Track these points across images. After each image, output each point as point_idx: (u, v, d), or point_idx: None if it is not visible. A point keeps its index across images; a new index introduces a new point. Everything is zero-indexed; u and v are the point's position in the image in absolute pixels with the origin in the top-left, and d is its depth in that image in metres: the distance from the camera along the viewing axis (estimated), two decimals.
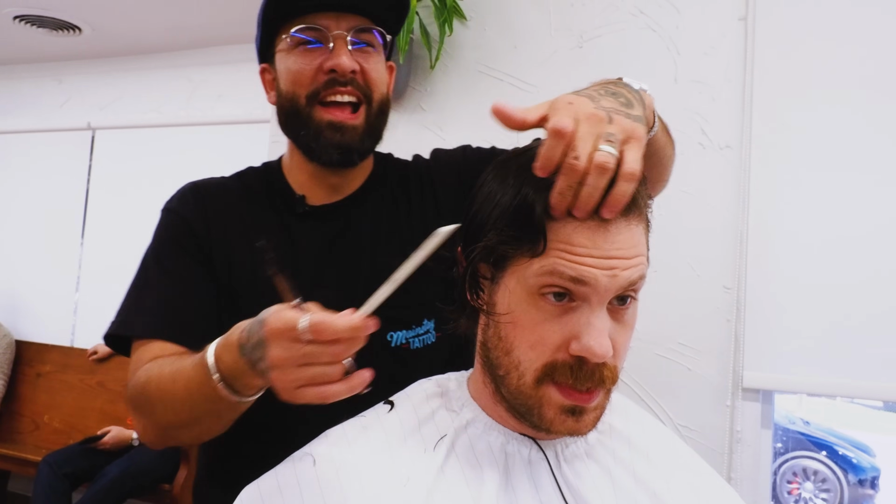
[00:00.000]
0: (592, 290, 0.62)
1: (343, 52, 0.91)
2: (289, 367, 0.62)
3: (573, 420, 0.66)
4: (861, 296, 1.62)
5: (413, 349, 0.96)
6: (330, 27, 0.92)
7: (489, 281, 0.69)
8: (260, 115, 3.28)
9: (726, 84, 1.78)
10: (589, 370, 0.64)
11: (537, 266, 0.63)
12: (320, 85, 0.92)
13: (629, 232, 0.64)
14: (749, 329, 1.69)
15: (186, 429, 0.82)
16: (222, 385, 0.71)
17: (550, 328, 0.64)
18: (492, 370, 0.70)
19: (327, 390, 0.63)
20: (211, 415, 0.78)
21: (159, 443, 0.88)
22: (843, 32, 1.70)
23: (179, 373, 0.79)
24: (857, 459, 5.12)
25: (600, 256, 0.62)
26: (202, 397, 0.75)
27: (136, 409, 0.87)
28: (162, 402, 0.81)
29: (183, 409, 0.79)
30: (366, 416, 0.75)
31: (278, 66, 0.97)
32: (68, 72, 4.05)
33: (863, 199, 1.64)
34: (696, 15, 1.82)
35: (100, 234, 3.84)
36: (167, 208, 1.02)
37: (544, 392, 0.66)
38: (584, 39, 1.93)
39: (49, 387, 3.54)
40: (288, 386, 0.63)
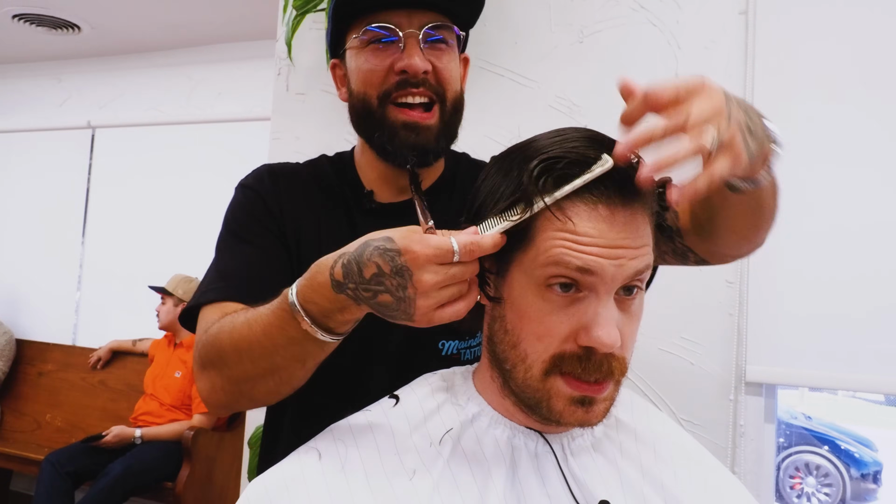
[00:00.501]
0: (599, 280, 0.62)
1: (415, 52, 0.89)
2: (434, 291, 0.64)
3: (583, 411, 0.66)
4: (863, 290, 1.62)
5: (464, 360, 0.95)
6: (402, 25, 0.89)
7: (495, 275, 0.69)
8: (260, 113, 3.27)
9: (727, 79, 1.77)
10: (597, 361, 0.64)
11: (543, 257, 0.63)
12: (392, 85, 0.90)
13: (635, 222, 0.64)
14: (752, 323, 1.69)
15: (262, 380, 0.78)
16: (314, 326, 0.70)
17: (558, 319, 0.64)
18: (499, 364, 0.70)
19: (459, 306, 0.66)
20: (294, 360, 0.75)
21: (230, 401, 0.83)
22: (845, 27, 1.69)
23: (256, 319, 0.76)
24: (860, 454, 5.12)
25: (606, 245, 0.62)
26: (285, 340, 0.73)
27: (206, 363, 0.82)
28: (237, 352, 0.78)
29: (262, 357, 0.76)
30: (371, 411, 0.75)
31: (349, 63, 0.95)
32: (68, 70, 4.05)
33: (865, 194, 1.64)
34: (697, 9, 1.82)
35: (101, 233, 3.85)
36: (242, 184, 1.00)
37: (552, 384, 0.65)
38: (584, 34, 1.92)
39: (51, 386, 3.54)
40: (428, 309, 0.65)
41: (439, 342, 0.94)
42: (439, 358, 0.94)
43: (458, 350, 0.95)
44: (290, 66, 2.17)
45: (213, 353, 0.81)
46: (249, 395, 0.81)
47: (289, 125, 2.20)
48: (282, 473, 0.69)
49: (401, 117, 0.91)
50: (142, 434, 2.87)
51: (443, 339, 0.94)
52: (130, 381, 3.32)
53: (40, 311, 3.87)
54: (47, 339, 3.69)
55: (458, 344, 0.95)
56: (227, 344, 0.79)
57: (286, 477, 0.68)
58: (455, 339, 0.94)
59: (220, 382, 0.81)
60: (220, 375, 0.81)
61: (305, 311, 0.70)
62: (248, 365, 0.77)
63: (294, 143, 2.17)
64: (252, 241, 0.93)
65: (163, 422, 2.96)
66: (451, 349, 0.94)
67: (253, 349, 0.76)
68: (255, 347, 0.76)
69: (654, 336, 1.76)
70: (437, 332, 0.91)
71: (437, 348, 0.94)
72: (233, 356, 0.78)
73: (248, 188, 0.99)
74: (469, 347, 0.95)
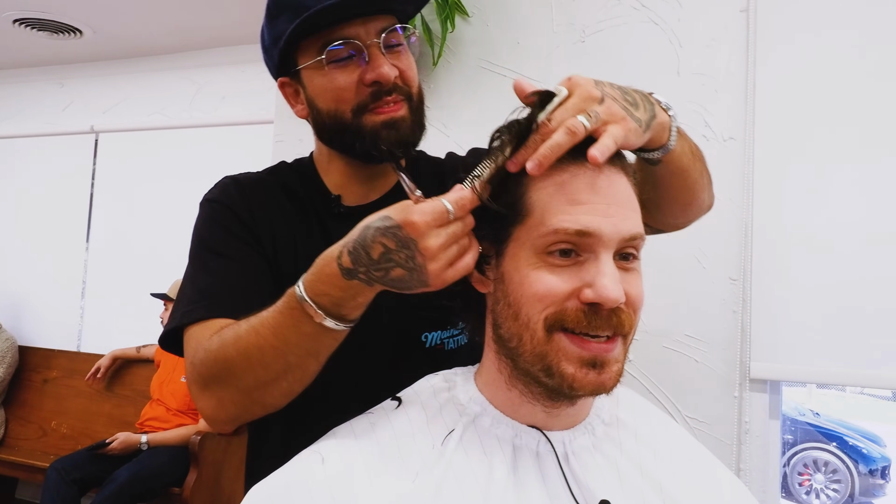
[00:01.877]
0: (597, 240, 0.65)
1: (382, 62, 0.90)
2: (441, 253, 0.67)
3: (595, 373, 0.66)
4: (867, 285, 1.61)
5: (448, 350, 0.96)
6: (360, 36, 0.90)
7: (494, 258, 0.71)
8: (264, 116, 3.28)
9: (729, 76, 1.77)
10: (604, 316, 0.65)
11: (540, 229, 0.66)
12: (366, 97, 0.91)
13: (622, 185, 0.69)
14: (755, 320, 1.69)
15: (275, 383, 0.79)
16: (327, 318, 0.73)
17: (559, 279, 0.66)
18: (506, 348, 0.70)
19: (467, 260, 0.69)
20: (307, 356, 0.77)
21: (240, 413, 0.83)
22: (845, 22, 1.69)
23: (262, 324, 0.77)
24: (868, 450, 5.11)
25: (599, 204, 0.66)
26: (298, 338, 0.75)
27: (210, 380, 0.82)
28: (247, 360, 0.78)
29: (275, 359, 0.77)
30: (373, 413, 0.75)
31: (308, 82, 0.95)
32: (70, 75, 4.05)
33: (868, 190, 1.64)
34: (698, 7, 1.82)
35: (105, 238, 3.85)
36: (208, 199, 1.00)
37: (557, 343, 0.66)
38: (586, 34, 1.92)
39: (56, 393, 3.54)
40: (441, 272, 0.68)
41: (422, 335, 0.95)
42: (424, 350, 0.95)
43: (442, 340, 0.96)
44: None
45: (217, 367, 0.80)
46: (262, 401, 0.81)
47: (292, 128, 2.21)
48: (284, 478, 0.69)
49: (378, 119, 0.92)
50: (148, 440, 2.87)
51: (425, 332, 0.95)
52: (137, 387, 3.32)
53: (45, 318, 3.87)
54: (52, 346, 3.69)
55: (441, 334, 0.96)
56: (235, 354, 0.79)
57: (289, 481, 0.68)
58: (437, 330, 0.96)
59: (228, 396, 0.81)
60: (229, 388, 0.81)
61: (317, 304, 0.72)
62: (259, 371, 0.78)
63: (297, 146, 2.18)
64: (228, 255, 0.93)
65: (169, 427, 2.96)
66: (435, 340, 0.96)
67: (265, 353, 0.77)
68: (268, 351, 0.77)
69: (659, 334, 1.76)
70: (419, 325, 0.95)
71: (421, 341, 0.95)
72: (242, 365, 0.78)
73: (215, 201, 0.98)
74: (451, 337, 0.97)
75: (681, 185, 0.88)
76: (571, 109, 0.68)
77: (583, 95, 0.69)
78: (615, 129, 0.68)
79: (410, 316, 0.94)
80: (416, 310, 0.92)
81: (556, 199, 0.66)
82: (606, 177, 0.68)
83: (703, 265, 1.74)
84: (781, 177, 1.71)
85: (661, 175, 0.84)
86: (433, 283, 0.69)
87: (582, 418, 0.75)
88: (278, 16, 0.93)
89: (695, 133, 1.75)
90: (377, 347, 0.94)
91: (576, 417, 0.74)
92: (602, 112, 0.68)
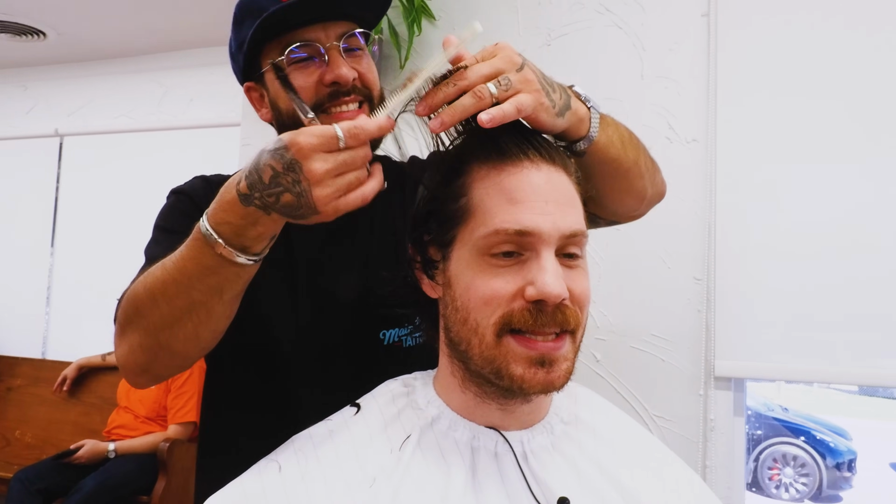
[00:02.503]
0: (537, 239, 0.66)
1: (341, 64, 0.92)
2: (329, 179, 0.67)
3: (544, 372, 0.66)
4: (829, 283, 1.65)
5: (406, 347, 0.97)
6: (320, 39, 0.92)
7: (441, 262, 0.72)
8: (232, 119, 3.25)
9: (691, 79, 1.80)
10: (550, 313, 0.65)
11: (481, 230, 0.67)
12: (324, 97, 0.93)
13: (562, 182, 0.70)
14: (719, 319, 1.72)
15: (180, 323, 0.77)
16: (228, 248, 0.71)
17: (503, 280, 0.66)
18: (457, 351, 0.71)
19: (366, 190, 0.69)
20: (211, 293, 0.75)
21: (149, 359, 0.81)
22: (804, 26, 1.73)
23: (170, 259, 0.76)
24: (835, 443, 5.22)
25: (537, 201, 0.66)
26: (200, 271, 0.73)
27: (124, 323, 0.82)
28: (152, 297, 0.77)
29: (178, 294, 0.75)
30: (332, 420, 0.75)
31: (271, 85, 0.96)
32: (34, 77, 3.98)
33: (827, 188, 1.67)
34: (661, 12, 1.84)
35: (70, 243, 3.79)
36: (173, 190, 1.02)
37: (506, 346, 0.66)
38: (552, 37, 1.94)
39: (20, 401, 3.46)
40: (329, 199, 0.67)
41: (380, 332, 0.96)
42: (382, 347, 0.96)
43: (400, 338, 0.97)
44: None
45: (129, 308, 0.81)
46: (168, 345, 0.79)
47: (258, 131, 2.19)
48: (242, 488, 0.68)
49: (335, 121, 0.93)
50: (115, 448, 2.82)
51: (383, 330, 0.96)
52: (103, 394, 3.26)
53: (8, 325, 3.79)
54: (16, 354, 3.61)
55: (399, 331, 0.97)
56: (142, 292, 0.78)
57: (246, 492, 0.68)
58: (395, 328, 0.97)
59: (137, 339, 0.80)
60: (137, 330, 0.80)
61: (218, 233, 0.71)
62: (164, 307, 0.76)
63: None
64: (180, 231, 0.90)
65: (137, 434, 2.91)
66: (393, 337, 0.97)
67: (168, 288, 0.75)
68: (170, 286, 0.75)
69: (625, 334, 1.78)
70: (376, 323, 0.95)
71: (379, 338, 0.96)
72: (148, 303, 0.77)
73: (179, 192, 1.01)
74: (410, 334, 0.98)
75: (612, 173, 0.89)
76: (487, 67, 0.70)
77: (504, 57, 0.72)
78: (523, 98, 0.70)
79: (368, 314, 0.94)
80: (373, 308, 0.93)
81: (496, 199, 0.67)
82: (545, 175, 0.69)
83: (667, 265, 1.77)
84: (743, 177, 1.74)
85: (590, 165, 0.86)
86: (322, 210, 0.68)
87: (540, 417, 0.75)
88: (243, 21, 0.96)
89: (658, 135, 1.79)
90: (334, 344, 0.95)
91: (534, 416, 0.75)
92: (516, 80, 0.71)
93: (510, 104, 0.69)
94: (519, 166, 0.69)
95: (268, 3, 0.92)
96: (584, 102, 0.81)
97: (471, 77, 0.70)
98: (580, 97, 0.81)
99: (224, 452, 0.98)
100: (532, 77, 0.73)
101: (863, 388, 6.20)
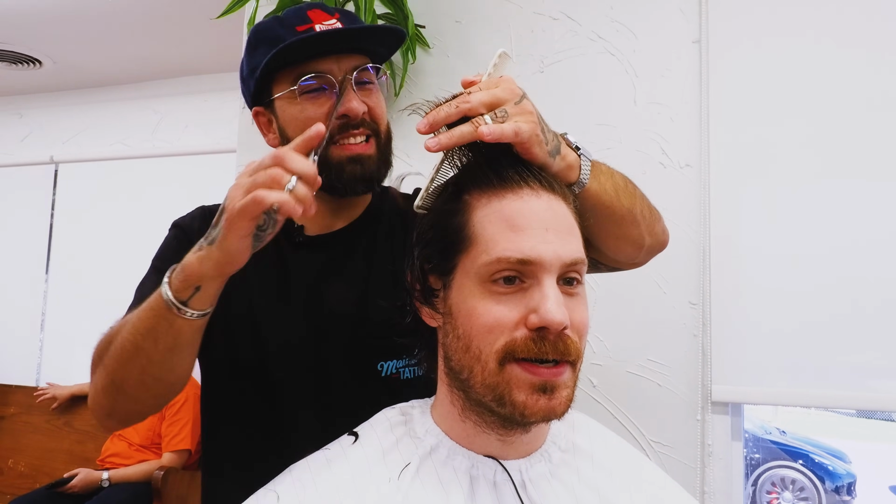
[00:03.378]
0: (539, 267, 0.66)
1: (353, 97, 0.94)
2: (242, 179, 0.71)
3: (546, 399, 0.66)
4: (824, 306, 1.65)
5: (404, 379, 0.97)
6: (333, 72, 0.94)
7: (442, 290, 0.72)
8: (227, 145, 3.26)
9: (683, 105, 1.82)
10: (551, 342, 0.66)
11: (483, 258, 0.67)
12: (334, 129, 0.94)
13: (561, 210, 0.71)
14: (716, 343, 1.72)
15: (129, 364, 0.80)
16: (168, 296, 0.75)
17: (506, 308, 0.67)
18: (458, 380, 0.71)
19: (269, 195, 0.68)
20: (147, 337, 0.78)
21: (109, 402, 0.85)
22: (794, 52, 1.75)
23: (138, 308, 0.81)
24: (833, 467, 5.18)
25: (539, 229, 0.67)
26: (146, 314, 0.78)
27: (93, 365, 0.86)
28: (112, 337, 0.82)
29: (128, 336, 0.79)
30: (330, 449, 0.75)
31: (280, 112, 0.98)
32: (29, 105, 4.00)
33: (822, 211, 1.68)
34: (652, 39, 1.87)
35: (65, 270, 3.78)
36: (175, 224, 1.06)
37: (509, 373, 0.66)
38: (545, 64, 1.96)
39: (13, 429, 3.43)
40: (237, 193, 0.70)
41: (377, 364, 0.96)
42: (379, 379, 0.96)
43: (398, 370, 0.97)
44: None
45: (98, 348, 0.85)
46: (122, 388, 0.83)
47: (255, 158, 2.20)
48: None
49: (345, 153, 0.96)
50: (109, 476, 2.79)
51: (381, 361, 0.96)
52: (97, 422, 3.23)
53: (1, 352, 3.76)
54: (9, 382, 3.58)
55: (397, 363, 0.97)
56: (108, 333, 0.84)
57: None
58: (393, 359, 0.97)
59: (100, 380, 0.84)
60: (101, 371, 0.84)
61: (169, 282, 0.76)
62: (117, 348, 0.81)
63: None
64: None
65: (132, 463, 2.88)
66: (390, 369, 0.97)
67: (122, 329, 0.81)
68: (126, 327, 0.81)
69: (622, 358, 1.78)
70: (375, 353, 0.96)
71: (377, 370, 0.96)
72: (108, 343, 0.83)
73: (177, 227, 1.05)
74: (407, 366, 0.98)
75: (606, 220, 0.90)
76: (488, 96, 0.73)
77: (506, 88, 0.74)
78: (521, 122, 0.72)
79: (366, 344, 0.95)
80: (371, 338, 0.93)
81: (497, 227, 0.68)
82: (545, 202, 0.70)
83: (663, 290, 1.77)
84: (736, 201, 1.75)
85: (583, 211, 0.87)
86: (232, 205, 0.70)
87: (538, 446, 0.75)
88: (257, 47, 0.98)
89: (652, 160, 1.81)
90: (332, 375, 0.95)
91: (531, 445, 0.74)
92: (514, 111, 0.73)
93: (509, 125, 0.71)
94: (519, 193, 0.69)
95: (285, 33, 0.94)
96: (574, 150, 0.82)
97: (472, 101, 0.72)
98: (571, 145, 0.83)
99: (218, 475, 1.02)
100: (531, 108, 0.75)
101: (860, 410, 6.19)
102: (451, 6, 2.06)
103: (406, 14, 1.85)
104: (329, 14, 0.97)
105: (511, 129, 0.70)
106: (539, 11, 1.97)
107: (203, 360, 1.02)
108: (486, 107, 0.73)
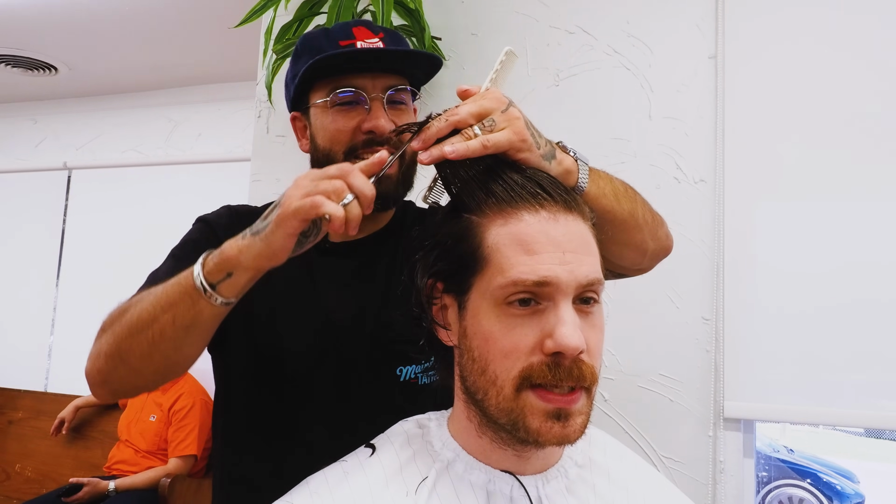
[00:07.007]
0: (555, 289, 0.65)
1: (381, 115, 0.96)
2: (304, 182, 0.71)
3: (560, 426, 0.66)
4: (838, 324, 1.64)
5: (421, 384, 0.98)
6: (367, 88, 0.97)
7: (457, 311, 0.72)
8: (240, 154, 3.28)
9: (699, 120, 1.82)
10: (567, 367, 0.65)
11: (498, 280, 0.66)
12: (358, 143, 0.96)
13: (578, 229, 0.69)
14: (728, 359, 1.71)
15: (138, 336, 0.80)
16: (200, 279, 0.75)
17: (522, 332, 0.66)
18: (473, 399, 0.70)
19: (326, 203, 0.68)
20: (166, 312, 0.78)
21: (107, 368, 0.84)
22: (809, 69, 1.75)
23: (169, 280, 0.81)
24: (842, 486, 5.13)
25: (555, 251, 0.66)
26: (172, 291, 0.78)
27: (101, 329, 0.86)
28: (129, 306, 0.83)
29: (148, 307, 0.79)
30: (347, 461, 0.75)
31: (314, 120, 1.01)
32: (44, 111, 4.03)
33: (836, 228, 1.68)
34: (668, 54, 1.87)
35: (76, 276, 3.79)
36: (200, 218, 1.07)
37: (525, 400, 0.66)
38: (560, 78, 1.97)
39: (21, 434, 3.43)
40: (295, 192, 0.70)
41: (397, 369, 0.97)
42: (398, 384, 0.97)
43: (416, 375, 0.98)
44: (271, 109, 2.19)
45: (111, 315, 0.85)
46: (126, 358, 0.82)
47: (269, 167, 2.21)
48: None
49: None
50: (116, 485, 2.78)
51: (400, 366, 0.97)
52: (104, 428, 3.24)
53: (10, 357, 3.77)
54: (18, 386, 3.59)
55: (415, 368, 0.98)
56: (126, 302, 0.84)
57: None
58: (412, 365, 0.98)
59: (105, 345, 0.84)
60: (108, 336, 0.84)
61: (203, 263, 0.76)
62: (133, 316, 0.81)
63: (274, 185, 2.18)
64: (190, 260, 0.93)
65: (138, 469, 2.88)
66: (409, 374, 0.98)
67: (144, 300, 0.81)
68: (147, 298, 0.80)
69: (634, 373, 1.77)
70: (395, 358, 0.96)
71: (396, 375, 0.97)
72: (124, 311, 0.83)
73: (203, 221, 1.06)
74: (424, 372, 0.99)
75: (607, 225, 0.90)
76: (475, 106, 0.74)
77: (491, 98, 0.76)
78: (496, 135, 0.73)
79: (387, 350, 0.96)
80: (393, 344, 0.94)
81: (513, 249, 0.67)
82: (562, 222, 0.68)
83: (676, 305, 1.77)
84: (751, 217, 1.75)
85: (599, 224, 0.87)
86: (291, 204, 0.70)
87: (555, 461, 0.75)
88: (301, 55, 1.01)
89: (667, 175, 1.80)
90: (352, 378, 0.96)
91: (548, 461, 0.74)
92: (500, 119, 0.74)
93: (476, 140, 0.72)
94: (534, 213, 0.68)
95: (327, 45, 0.98)
96: (570, 155, 0.83)
97: (461, 113, 0.74)
98: (566, 150, 0.83)
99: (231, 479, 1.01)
100: (517, 114, 0.76)
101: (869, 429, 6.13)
102: (467, 19, 2.07)
103: (423, 26, 1.86)
104: (373, 32, 0.99)
105: (478, 144, 0.72)
106: (555, 25, 1.98)
107: (220, 361, 1.03)
108: (474, 117, 0.74)
